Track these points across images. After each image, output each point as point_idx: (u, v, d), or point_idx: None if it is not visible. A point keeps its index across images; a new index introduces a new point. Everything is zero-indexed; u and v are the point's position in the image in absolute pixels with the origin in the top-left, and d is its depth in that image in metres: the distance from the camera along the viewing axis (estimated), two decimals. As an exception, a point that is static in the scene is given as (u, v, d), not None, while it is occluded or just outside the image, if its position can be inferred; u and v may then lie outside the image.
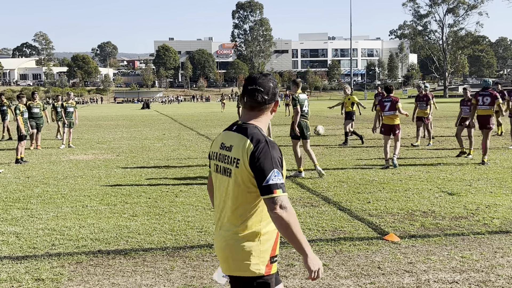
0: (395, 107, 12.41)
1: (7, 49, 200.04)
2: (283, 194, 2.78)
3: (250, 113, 3.02)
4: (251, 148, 2.84)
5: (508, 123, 20.83)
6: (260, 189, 2.80)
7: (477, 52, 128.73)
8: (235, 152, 2.91)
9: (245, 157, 2.85)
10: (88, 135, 23.88)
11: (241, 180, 2.88)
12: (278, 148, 2.92)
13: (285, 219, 2.76)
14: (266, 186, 2.78)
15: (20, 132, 14.59)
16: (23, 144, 14.58)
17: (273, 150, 2.85)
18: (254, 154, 2.82)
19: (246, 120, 3.01)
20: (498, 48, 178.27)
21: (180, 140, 20.58)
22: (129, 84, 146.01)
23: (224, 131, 3.10)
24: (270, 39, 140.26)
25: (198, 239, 6.64)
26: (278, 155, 2.86)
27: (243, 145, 2.88)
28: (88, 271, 5.54)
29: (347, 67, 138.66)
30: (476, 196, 8.90)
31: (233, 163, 2.91)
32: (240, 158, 2.88)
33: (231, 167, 2.93)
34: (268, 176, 2.78)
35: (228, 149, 2.98)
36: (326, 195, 9.22)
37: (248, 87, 2.99)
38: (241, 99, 3.06)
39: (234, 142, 2.95)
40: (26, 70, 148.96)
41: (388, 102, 12.58)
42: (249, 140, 2.88)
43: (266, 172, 2.79)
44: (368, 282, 5.12)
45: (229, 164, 2.95)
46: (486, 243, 6.29)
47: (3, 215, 8.12)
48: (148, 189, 10.10)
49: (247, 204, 2.91)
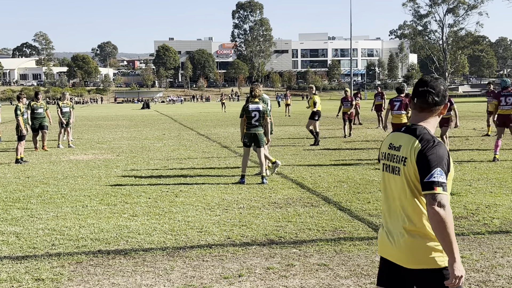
0: (405, 108, 13.25)
1: (7, 49, 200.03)
2: (443, 193, 2.87)
3: (419, 114, 3.13)
4: (418, 147, 2.98)
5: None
6: (422, 185, 2.92)
7: (477, 52, 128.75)
8: (404, 151, 3.06)
9: (413, 155, 2.99)
10: (88, 135, 23.89)
11: (409, 178, 3.01)
12: (447, 150, 3.02)
13: (442, 216, 2.84)
14: (427, 182, 2.88)
15: (20, 132, 14.59)
16: (22, 144, 14.58)
17: (440, 150, 2.96)
18: (421, 152, 2.96)
19: (415, 122, 3.13)
20: (498, 48, 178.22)
21: (180, 140, 20.59)
22: (129, 84, 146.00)
23: (392, 133, 3.27)
24: (270, 39, 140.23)
25: (198, 239, 6.64)
26: (445, 156, 2.96)
27: (411, 144, 3.02)
28: (88, 271, 5.54)
29: (347, 67, 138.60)
30: (476, 196, 8.90)
31: (401, 162, 3.06)
32: (407, 156, 3.02)
33: (400, 166, 3.07)
34: (431, 173, 2.89)
35: (397, 149, 3.13)
36: (326, 195, 9.22)
37: (419, 89, 3.11)
38: (411, 101, 3.17)
39: (402, 142, 3.09)
40: (26, 70, 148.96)
41: (398, 102, 13.42)
42: (418, 140, 3.01)
43: (430, 169, 2.90)
44: (368, 282, 5.12)
45: (397, 163, 3.10)
46: (486, 243, 6.29)
47: (3, 215, 8.12)
48: (148, 189, 10.10)
49: (416, 200, 3.01)
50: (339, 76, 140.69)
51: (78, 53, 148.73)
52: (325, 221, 7.43)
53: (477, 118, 31.50)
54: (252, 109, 10.59)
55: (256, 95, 10.70)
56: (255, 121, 10.60)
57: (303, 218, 7.61)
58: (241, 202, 8.76)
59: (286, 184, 10.39)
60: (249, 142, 10.67)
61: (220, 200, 8.98)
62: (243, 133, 10.72)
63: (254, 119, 10.58)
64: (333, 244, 6.33)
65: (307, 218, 7.62)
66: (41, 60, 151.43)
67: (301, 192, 9.57)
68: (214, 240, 6.60)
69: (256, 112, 10.58)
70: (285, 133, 23.24)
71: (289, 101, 39.16)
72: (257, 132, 10.65)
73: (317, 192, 9.52)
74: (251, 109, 10.60)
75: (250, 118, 10.59)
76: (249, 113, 10.58)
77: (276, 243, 6.44)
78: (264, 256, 5.95)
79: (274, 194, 9.39)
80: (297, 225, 7.22)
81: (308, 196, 9.19)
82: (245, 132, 10.62)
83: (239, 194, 9.43)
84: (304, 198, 9.06)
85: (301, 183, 10.46)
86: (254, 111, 10.58)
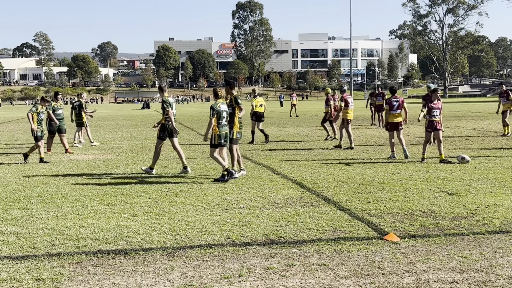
0: (403, 107, 14.05)
1: (7, 49, 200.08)
2: None
3: None
4: None
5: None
6: None
7: (477, 52, 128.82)
8: None
9: None
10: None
11: None
12: None
13: None
14: None
15: (35, 133, 14.44)
16: (40, 144, 14.47)
17: None
18: None
19: None
20: (498, 48, 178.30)
21: (180, 140, 20.57)
22: (129, 84, 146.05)
23: None
24: (270, 39, 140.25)
25: (198, 239, 6.64)
26: None
27: None
28: (88, 271, 5.54)
29: (347, 67, 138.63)
30: (476, 196, 8.90)
31: None
32: None
33: None
34: None
35: None
36: (326, 195, 9.23)
37: None
38: None
39: None
40: (26, 70, 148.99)
41: (396, 102, 14.04)
42: None
43: None
44: (368, 282, 5.12)
45: None
46: (486, 243, 6.29)
47: (3, 215, 8.13)
48: (148, 189, 10.11)
49: None
50: (339, 76, 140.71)
51: (78, 53, 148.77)
52: (325, 221, 7.43)
53: (477, 118, 31.51)
54: (223, 110, 10.97)
55: (222, 96, 11.09)
56: (225, 121, 11.05)
57: (303, 218, 7.62)
58: (241, 202, 8.77)
59: (286, 184, 10.39)
60: (224, 142, 11.05)
61: (220, 200, 8.99)
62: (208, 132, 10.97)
63: (224, 119, 11.00)
64: (333, 244, 6.33)
65: (307, 218, 7.62)
66: (41, 60, 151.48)
67: (301, 192, 9.57)
68: (214, 240, 6.61)
69: (225, 112, 11.01)
70: (285, 133, 23.23)
71: (295, 101, 38.92)
72: (228, 131, 11.17)
73: (317, 192, 9.52)
74: (222, 109, 10.94)
75: (221, 118, 10.95)
76: (219, 113, 10.91)
77: (276, 243, 6.44)
78: (264, 256, 5.95)
79: (274, 194, 9.40)
80: (297, 225, 7.22)
81: (308, 196, 9.19)
82: (218, 134, 10.91)
83: (239, 194, 9.44)
84: (304, 198, 9.07)
85: (301, 183, 10.47)
86: (224, 111, 10.98)
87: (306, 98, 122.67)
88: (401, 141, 14.00)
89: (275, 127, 27.47)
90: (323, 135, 21.40)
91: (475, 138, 19.11)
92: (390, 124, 14.09)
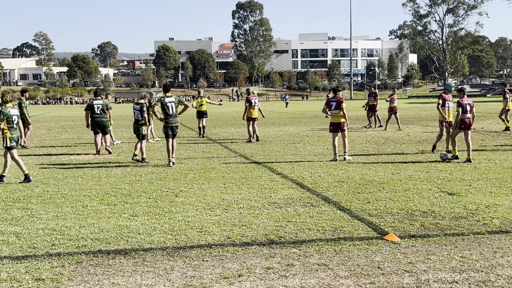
0: (340, 107, 13.78)
1: (7, 49, 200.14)
2: None
3: None
4: None
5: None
6: None
7: (477, 52, 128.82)
8: None
9: None
10: (88, 135, 23.87)
11: None
12: None
13: None
14: None
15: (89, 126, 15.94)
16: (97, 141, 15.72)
17: None
18: None
19: None
20: (498, 48, 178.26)
21: (180, 140, 20.58)
22: (129, 84, 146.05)
23: None
24: (270, 39, 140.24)
25: (198, 239, 6.65)
26: None
27: None
28: (88, 271, 5.54)
29: (347, 67, 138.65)
30: (476, 196, 8.90)
31: None
32: None
33: None
34: None
35: None
36: (326, 195, 9.23)
37: None
38: None
39: None
40: (26, 70, 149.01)
41: (334, 102, 13.89)
42: None
43: None
44: (368, 282, 5.12)
45: None
46: (486, 243, 6.29)
47: (3, 215, 8.13)
48: (148, 189, 10.11)
49: None
50: (339, 76, 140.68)
51: (78, 53, 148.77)
52: (325, 221, 7.43)
53: (477, 118, 31.50)
54: (169, 101, 13.20)
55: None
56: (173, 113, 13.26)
57: (303, 218, 7.62)
58: (241, 202, 8.77)
59: (286, 184, 10.39)
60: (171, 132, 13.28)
61: (220, 200, 8.99)
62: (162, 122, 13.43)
63: (172, 110, 13.20)
64: (333, 244, 6.33)
65: (307, 218, 7.62)
66: (41, 60, 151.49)
67: (301, 192, 9.57)
68: (214, 240, 6.61)
69: (172, 103, 13.21)
70: (285, 133, 23.24)
71: None
72: (178, 124, 13.47)
73: (317, 192, 9.52)
74: (167, 101, 13.16)
75: (168, 110, 13.13)
76: (166, 106, 13.11)
77: (276, 243, 6.44)
78: (264, 256, 5.95)
79: (274, 194, 9.40)
80: (297, 225, 7.22)
81: (308, 196, 9.19)
82: (165, 125, 13.23)
83: (239, 194, 9.44)
84: (304, 198, 9.07)
85: (301, 183, 10.47)
86: (170, 102, 13.20)
87: (306, 98, 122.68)
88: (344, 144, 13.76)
89: (275, 127, 27.48)
90: (323, 135, 21.40)
91: (475, 138, 19.10)
92: (332, 125, 13.79)
